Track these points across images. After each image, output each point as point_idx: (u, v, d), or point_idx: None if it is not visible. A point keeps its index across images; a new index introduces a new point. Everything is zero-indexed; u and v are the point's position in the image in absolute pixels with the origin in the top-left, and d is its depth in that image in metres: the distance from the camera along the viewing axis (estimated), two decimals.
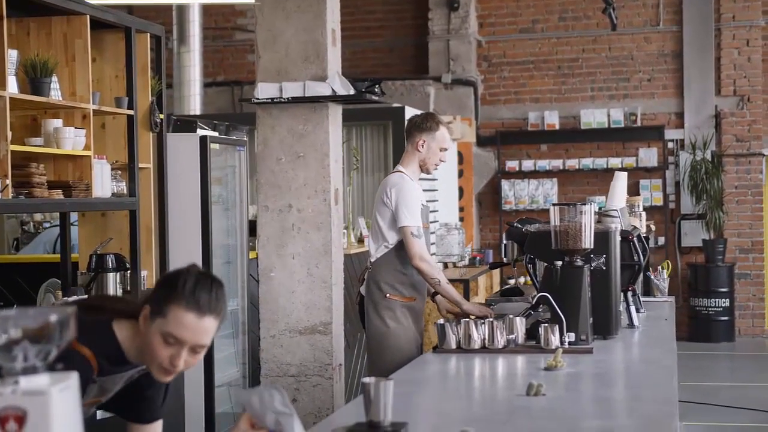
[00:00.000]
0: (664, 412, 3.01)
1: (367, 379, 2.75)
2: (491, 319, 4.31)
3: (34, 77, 4.81)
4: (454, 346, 4.26)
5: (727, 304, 12.09)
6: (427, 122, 5.24)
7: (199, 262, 6.22)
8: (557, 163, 12.62)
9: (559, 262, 4.40)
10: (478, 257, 10.52)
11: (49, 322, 1.79)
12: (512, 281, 11.88)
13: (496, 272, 11.18)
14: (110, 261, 5.42)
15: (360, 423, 2.79)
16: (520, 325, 4.33)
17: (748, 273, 12.42)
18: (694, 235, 12.41)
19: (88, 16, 5.16)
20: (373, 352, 5.23)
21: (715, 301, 12.07)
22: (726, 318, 12.11)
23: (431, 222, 9.73)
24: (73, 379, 1.82)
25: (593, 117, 12.56)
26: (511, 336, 4.27)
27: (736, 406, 8.45)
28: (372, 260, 5.23)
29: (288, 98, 5.81)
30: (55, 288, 5.66)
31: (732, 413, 8.28)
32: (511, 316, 4.36)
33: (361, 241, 8.43)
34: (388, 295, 5.13)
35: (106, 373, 2.66)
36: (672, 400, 3.16)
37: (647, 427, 2.86)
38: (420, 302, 5.24)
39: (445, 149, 5.26)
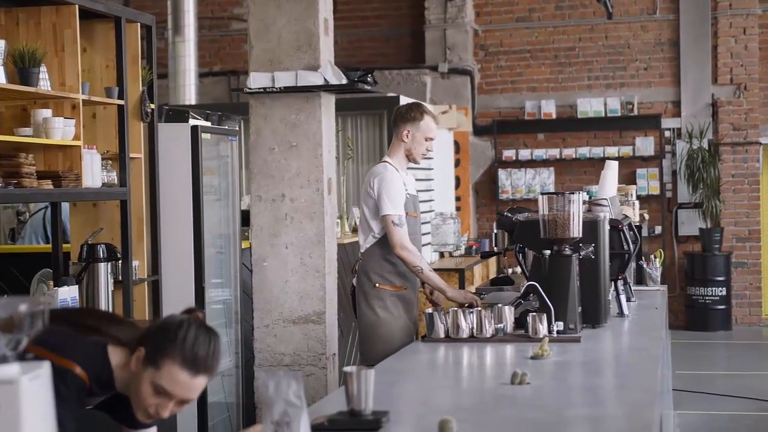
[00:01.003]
0: (644, 401, 3.02)
1: (348, 369, 2.76)
2: (479, 308, 4.31)
3: (22, 67, 4.80)
4: (442, 336, 4.27)
5: (724, 293, 12.09)
6: (411, 112, 5.25)
7: (191, 252, 6.22)
8: (554, 152, 12.62)
9: (548, 251, 4.41)
10: (474, 246, 10.52)
11: (19, 312, 1.80)
12: (509, 270, 11.90)
13: (493, 261, 11.19)
14: (101, 251, 5.41)
15: (342, 412, 2.80)
16: (509, 314, 4.33)
17: (745, 262, 12.43)
18: (690, 224, 12.41)
19: (77, 6, 5.15)
20: (364, 341, 5.25)
21: (712, 290, 12.07)
22: (723, 307, 12.11)
23: (426, 212, 9.78)
24: (44, 368, 1.82)
25: (590, 106, 12.55)
26: (499, 325, 4.27)
27: (733, 395, 8.46)
28: (361, 251, 5.25)
29: (280, 88, 5.81)
30: (47, 278, 5.67)
31: (728, 402, 8.29)
32: (500, 305, 4.37)
33: (355, 230, 8.43)
34: (377, 284, 5.15)
35: (94, 395, 2.66)
36: (653, 389, 3.16)
37: (628, 415, 2.87)
38: (411, 291, 5.25)
39: (431, 139, 5.25)
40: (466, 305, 4.78)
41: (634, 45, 12.65)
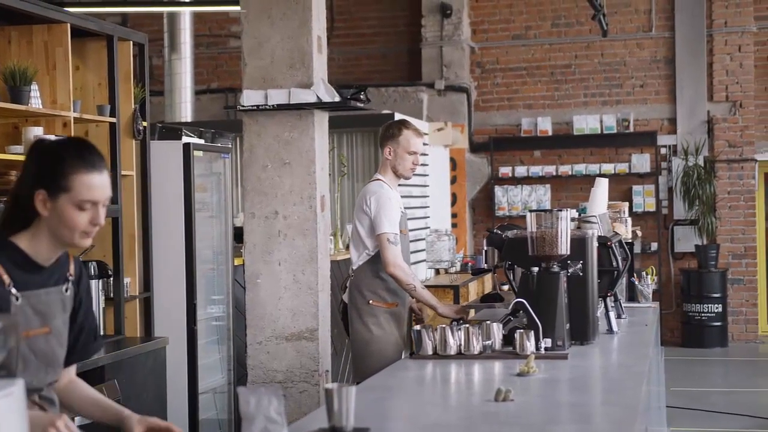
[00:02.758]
0: (626, 417, 3.02)
1: (329, 386, 2.77)
2: (467, 325, 4.32)
3: (13, 85, 4.83)
4: (430, 352, 4.27)
5: (720, 309, 12.09)
6: (389, 129, 5.34)
7: (183, 269, 6.24)
8: (550, 169, 12.64)
9: (536, 268, 4.41)
10: (469, 263, 10.52)
11: None
12: (506, 287, 11.90)
13: (488, 278, 11.19)
14: (93, 268, 5.42)
15: (323, 429, 2.81)
16: (497, 330, 4.33)
17: (741, 278, 12.43)
18: (686, 240, 12.42)
19: (68, 25, 5.18)
20: (357, 358, 5.26)
21: (708, 307, 12.07)
22: (719, 323, 12.11)
23: (420, 228, 9.79)
24: (17, 386, 1.83)
25: (586, 123, 12.58)
26: (487, 342, 4.28)
27: (729, 412, 8.45)
28: (354, 267, 5.29)
29: (273, 105, 5.83)
30: None
31: (724, 419, 8.28)
32: (488, 321, 4.37)
33: (348, 247, 8.44)
34: (370, 301, 5.19)
35: (25, 286, 2.63)
36: (635, 405, 3.16)
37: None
38: (402, 308, 5.27)
39: (414, 153, 5.28)
40: (458, 320, 4.78)
41: (630, 62, 12.69)
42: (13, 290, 2.60)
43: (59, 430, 2.44)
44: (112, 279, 5.56)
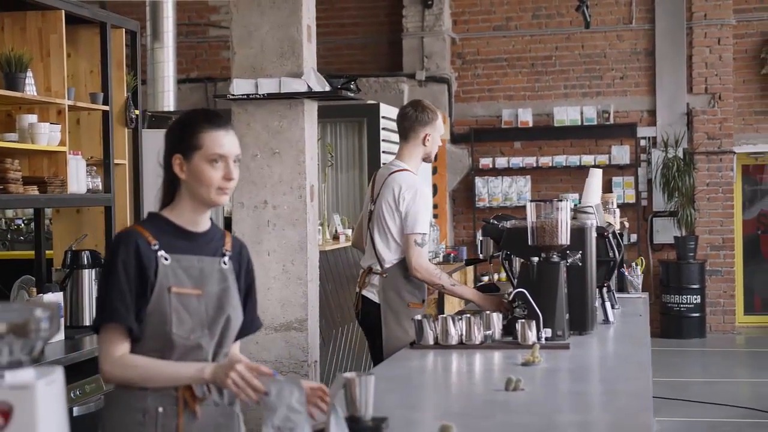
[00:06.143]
0: (639, 406, 3.04)
1: (348, 375, 2.76)
2: (468, 315, 4.32)
3: (9, 72, 4.77)
4: (431, 342, 4.28)
5: (699, 300, 12.19)
6: (427, 114, 5.02)
7: None
8: (531, 161, 12.67)
9: (536, 258, 4.42)
10: (452, 254, 10.54)
11: (34, 317, 1.79)
12: (486, 278, 11.93)
13: (470, 269, 11.23)
14: (86, 257, 5.38)
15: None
16: (497, 321, 4.34)
17: (719, 270, 12.53)
18: (665, 232, 12.50)
19: (63, 11, 5.13)
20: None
21: (687, 298, 12.16)
22: (697, 314, 12.21)
23: None
24: (57, 373, 1.81)
25: (566, 114, 12.62)
26: (488, 332, 4.28)
27: (708, 402, 8.52)
28: (385, 265, 4.96)
29: (263, 94, 5.81)
30: (28, 285, 5.62)
31: (704, 408, 8.35)
32: (487, 312, 4.38)
33: (336, 237, 8.43)
34: (410, 304, 4.95)
35: (173, 250, 2.81)
36: (646, 395, 3.18)
37: (623, 421, 2.89)
38: (423, 306, 5.15)
39: (442, 134, 5.15)
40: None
41: (610, 54, 12.74)
42: (161, 252, 2.79)
43: (240, 373, 2.65)
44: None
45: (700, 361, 11.32)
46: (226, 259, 2.92)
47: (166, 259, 2.80)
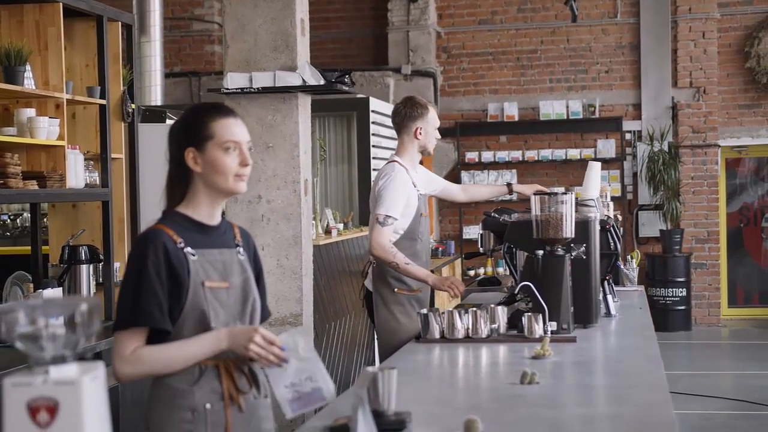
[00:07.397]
0: (658, 400, 3.04)
1: (371, 368, 2.74)
2: (474, 309, 4.31)
3: (8, 65, 4.72)
4: (437, 336, 4.27)
5: (684, 293, 12.24)
6: (417, 109, 5.26)
7: None
8: (516, 155, 12.69)
9: (541, 252, 4.42)
10: (440, 249, 10.54)
11: (78, 311, 1.77)
12: (472, 272, 11.93)
13: (458, 263, 11.23)
14: (83, 253, 5.34)
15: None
16: (502, 314, 4.34)
17: (704, 263, 12.59)
18: (651, 225, 12.54)
19: (61, 4, 5.08)
20: (384, 346, 5.20)
21: (672, 291, 12.21)
22: (683, 307, 12.26)
23: None
24: (100, 369, 1.79)
25: (552, 108, 12.63)
26: (493, 325, 4.28)
27: (694, 394, 8.56)
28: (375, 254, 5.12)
29: (258, 88, 5.78)
30: (23, 281, 5.57)
31: (690, 401, 8.38)
32: (492, 305, 4.37)
33: (328, 232, 8.40)
34: (396, 289, 5.14)
35: (197, 245, 2.81)
36: (664, 388, 3.18)
37: (647, 414, 2.89)
38: (425, 292, 5.25)
39: (437, 126, 5.32)
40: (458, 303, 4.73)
41: (595, 48, 12.77)
42: (187, 249, 2.79)
43: (258, 344, 2.68)
44: (102, 264, 5.47)
45: (686, 354, 11.36)
46: (241, 249, 2.93)
47: (193, 255, 2.79)
